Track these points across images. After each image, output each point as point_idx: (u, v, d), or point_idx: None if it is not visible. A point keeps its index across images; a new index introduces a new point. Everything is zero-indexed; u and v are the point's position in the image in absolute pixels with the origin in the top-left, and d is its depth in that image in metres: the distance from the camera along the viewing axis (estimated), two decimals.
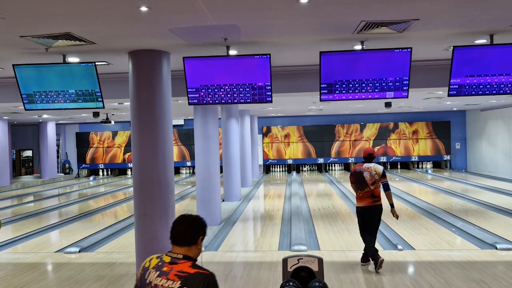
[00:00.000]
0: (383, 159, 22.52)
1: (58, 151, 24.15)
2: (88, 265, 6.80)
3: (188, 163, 23.19)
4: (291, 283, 3.63)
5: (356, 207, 6.31)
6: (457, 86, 5.70)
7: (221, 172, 12.34)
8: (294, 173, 22.22)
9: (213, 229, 9.27)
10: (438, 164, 22.83)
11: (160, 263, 2.24)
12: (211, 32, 4.99)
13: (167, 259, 2.24)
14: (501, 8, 4.40)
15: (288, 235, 8.57)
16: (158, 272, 2.20)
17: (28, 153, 24.49)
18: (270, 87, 5.80)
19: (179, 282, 2.13)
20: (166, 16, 4.38)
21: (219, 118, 12.66)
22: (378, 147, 22.56)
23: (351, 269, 6.17)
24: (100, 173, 24.26)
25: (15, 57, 5.98)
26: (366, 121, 22.68)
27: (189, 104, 6.02)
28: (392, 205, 6.14)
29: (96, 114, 15.09)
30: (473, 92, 5.70)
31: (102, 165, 23.89)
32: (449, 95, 5.75)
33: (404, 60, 5.65)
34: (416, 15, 4.56)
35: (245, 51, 5.92)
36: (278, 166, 23.58)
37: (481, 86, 5.67)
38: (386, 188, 6.08)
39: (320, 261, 3.67)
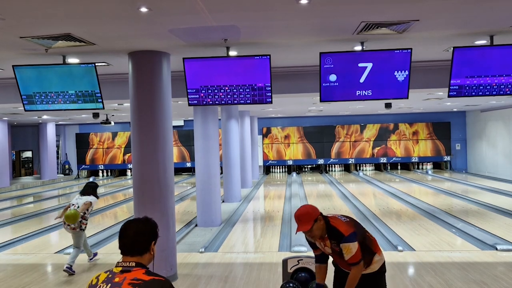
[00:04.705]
0: (383, 160, 22.53)
1: (58, 152, 24.15)
2: (88, 266, 6.79)
3: (188, 164, 23.18)
4: (291, 284, 3.63)
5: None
6: (457, 87, 5.69)
7: (221, 173, 12.34)
8: (294, 174, 22.21)
9: (213, 230, 9.27)
10: (438, 165, 22.82)
11: (110, 275, 2.05)
12: (211, 32, 4.98)
13: (117, 269, 2.06)
14: (501, 8, 4.39)
15: (288, 236, 8.57)
16: (109, 285, 2.01)
17: (28, 154, 24.49)
18: (270, 88, 5.79)
19: None
20: (166, 17, 4.38)
21: (219, 119, 12.66)
22: (378, 148, 22.57)
23: None
24: (100, 174, 24.26)
25: (15, 58, 5.98)
26: (366, 122, 22.68)
27: (189, 105, 6.01)
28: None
29: (96, 115, 15.10)
30: (473, 93, 5.69)
31: (102, 166, 23.89)
32: (449, 96, 5.74)
33: (404, 60, 5.65)
34: (416, 16, 4.56)
35: (245, 52, 5.92)
36: (278, 167, 23.56)
37: (481, 87, 5.66)
38: None
39: None
